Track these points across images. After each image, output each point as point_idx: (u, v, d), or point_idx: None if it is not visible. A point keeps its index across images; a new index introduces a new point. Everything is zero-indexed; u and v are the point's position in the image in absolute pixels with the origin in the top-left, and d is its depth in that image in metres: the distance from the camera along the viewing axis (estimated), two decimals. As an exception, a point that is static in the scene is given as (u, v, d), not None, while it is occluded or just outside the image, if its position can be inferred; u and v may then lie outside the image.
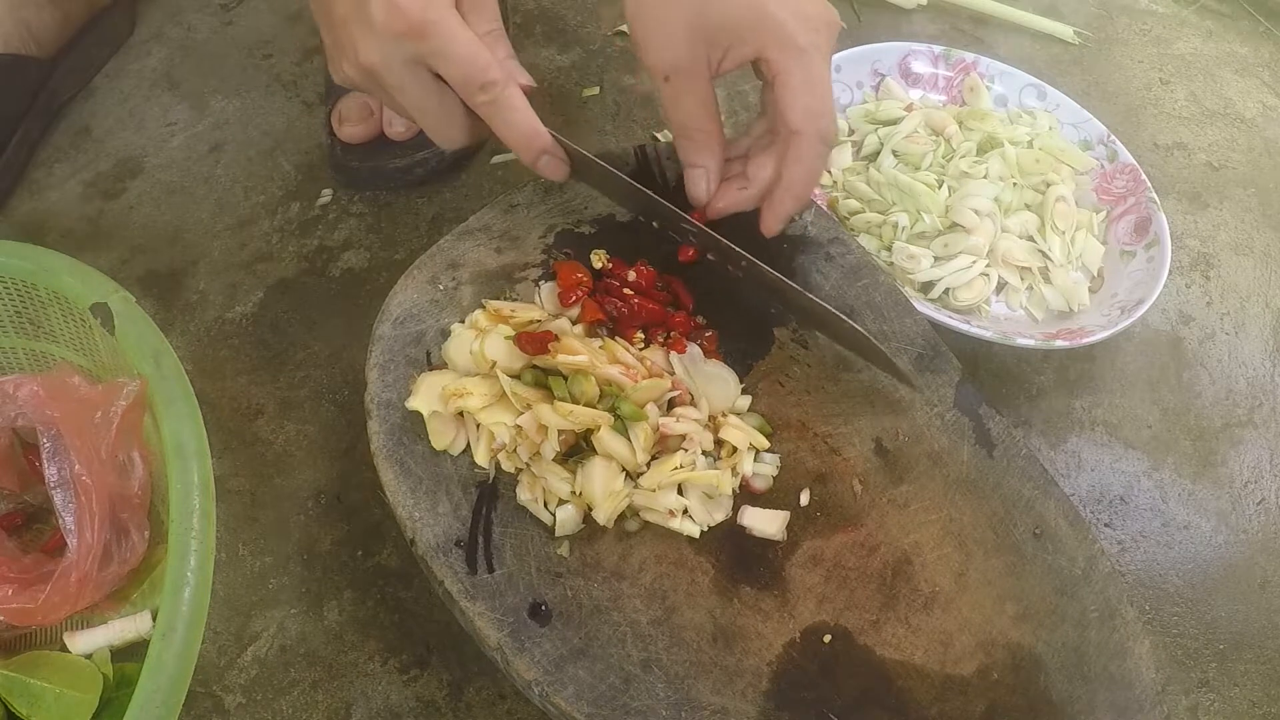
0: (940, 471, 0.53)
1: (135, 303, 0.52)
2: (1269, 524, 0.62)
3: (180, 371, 0.49)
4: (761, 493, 0.52)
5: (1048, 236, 0.69)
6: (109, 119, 0.79)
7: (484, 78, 0.50)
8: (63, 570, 0.46)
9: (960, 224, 0.68)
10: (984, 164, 0.72)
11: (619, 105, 0.80)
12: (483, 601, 0.46)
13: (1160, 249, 0.68)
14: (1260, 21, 0.94)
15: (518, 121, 0.52)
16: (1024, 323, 0.68)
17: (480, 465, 0.50)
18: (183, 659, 0.41)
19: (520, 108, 0.52)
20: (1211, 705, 0.55)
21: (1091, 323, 0.65)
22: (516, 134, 0.52)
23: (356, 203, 0.73)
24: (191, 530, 0.44)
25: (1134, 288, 0.67)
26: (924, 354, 0.56)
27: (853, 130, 0.76)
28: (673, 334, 0.55)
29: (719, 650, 0.47)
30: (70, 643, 0.49)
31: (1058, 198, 0.70)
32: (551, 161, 0.54)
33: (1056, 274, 0.68)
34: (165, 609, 0.42)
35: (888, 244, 0.69)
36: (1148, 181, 0.72)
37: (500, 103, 0.51)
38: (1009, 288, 0.69)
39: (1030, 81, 0.78)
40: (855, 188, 0.72)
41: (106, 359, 0.54)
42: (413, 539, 0.48)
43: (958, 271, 0.67)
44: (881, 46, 0.78)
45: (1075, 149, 0.75)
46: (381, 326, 0.54)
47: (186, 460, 0.46)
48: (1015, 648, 0.48)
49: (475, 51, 0.49)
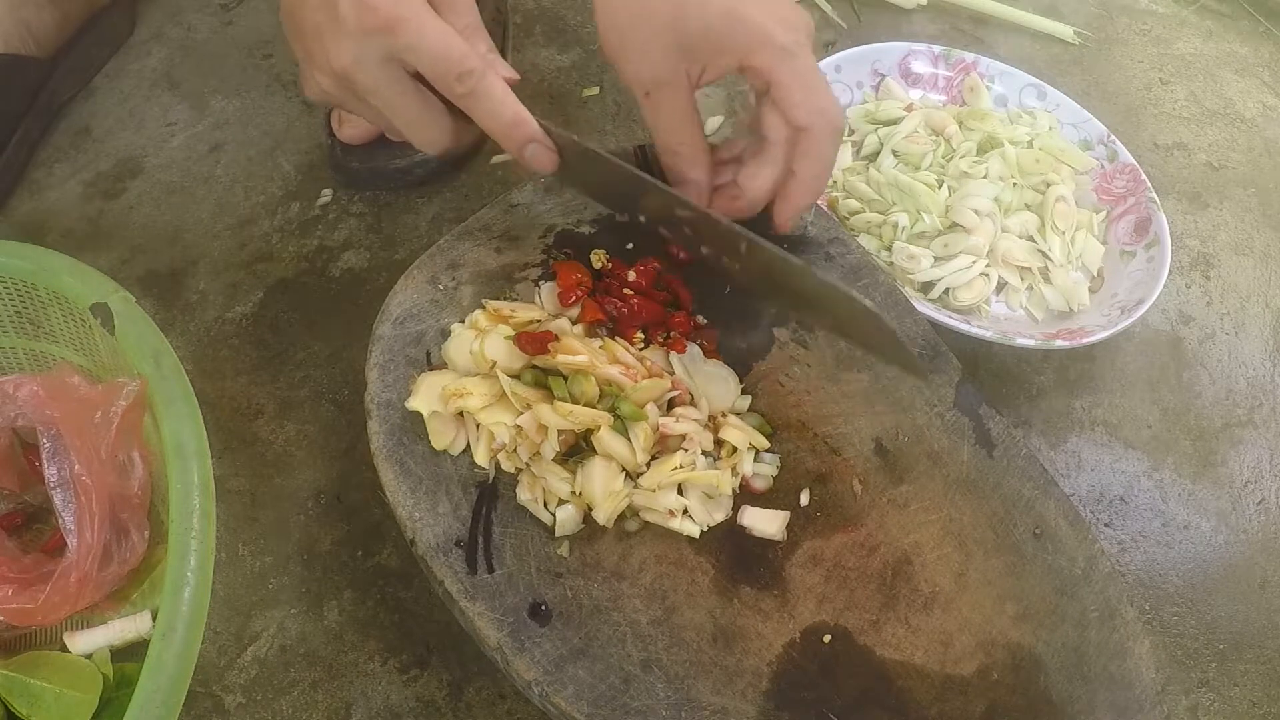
0: (940, 471, 0.53)
1: (135, 303, 0.52)
2: (1269, 524, 0.62)
3: (180, 371, 0.49)
4: (761, 493, 0.52)
5: (1048, 236, 0.69)
6: (109, 119, 0.79)
7: (460, 68, 0.48)
8: (62, 570, 0.46)
9: (960, 224, 0.68)
10: (984, 164, 0.72)
11: (619, 105, 0.80)
12: (483, 601, 0.46)
13: (1160, 249, 0.68)
14: (1260, 21, 0.94)
15: (499, 110, 0.50)
16: (1024, 323, 0.68)
17: (480, 465, 0.50)
18: (183, 659, 0.41)
19: (500, 95, 0.49)
20: (1211, 705, 0.55)
21: (1091, 323, 0.65)
22: (499, 123, 0.50)
23: (356, 203, 0.73)
24: (191, 530, 0.44)
25: (1134, 288, 0.67)
26: (924, 354, 0.56)
27: (853, 130, 0.76)
28: (673, 334, 0.55)
29: (719, 650, 0.47)
30: (70, 643, 0.49)
31: (1058, 198, 0.70)
32: (539, 151, 0.51)
33: (1056, 274, 0.68)
34: (165, 609, 0.42)
35: (888, 244, 0.69)
36: (1148, 181, 0.72)
37: (479, 92, 0.49)
38: (1009, 288, 0.69)
39: (1030, 81, 0.78)
40: (855, 188, 0.72)
41: (106, 359, 0.54)
42: (413, 539, 0.48)
43: (958, 271, 0.67)
44: (881, 46, 0.78)
45: (1075, 149, 0.75)
46: (381, 326, 0.54)
47: (186, 460, 0.46)
48: (1015, 648, 0.48)
49: (450, 42, 0.48)
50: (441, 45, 0.48)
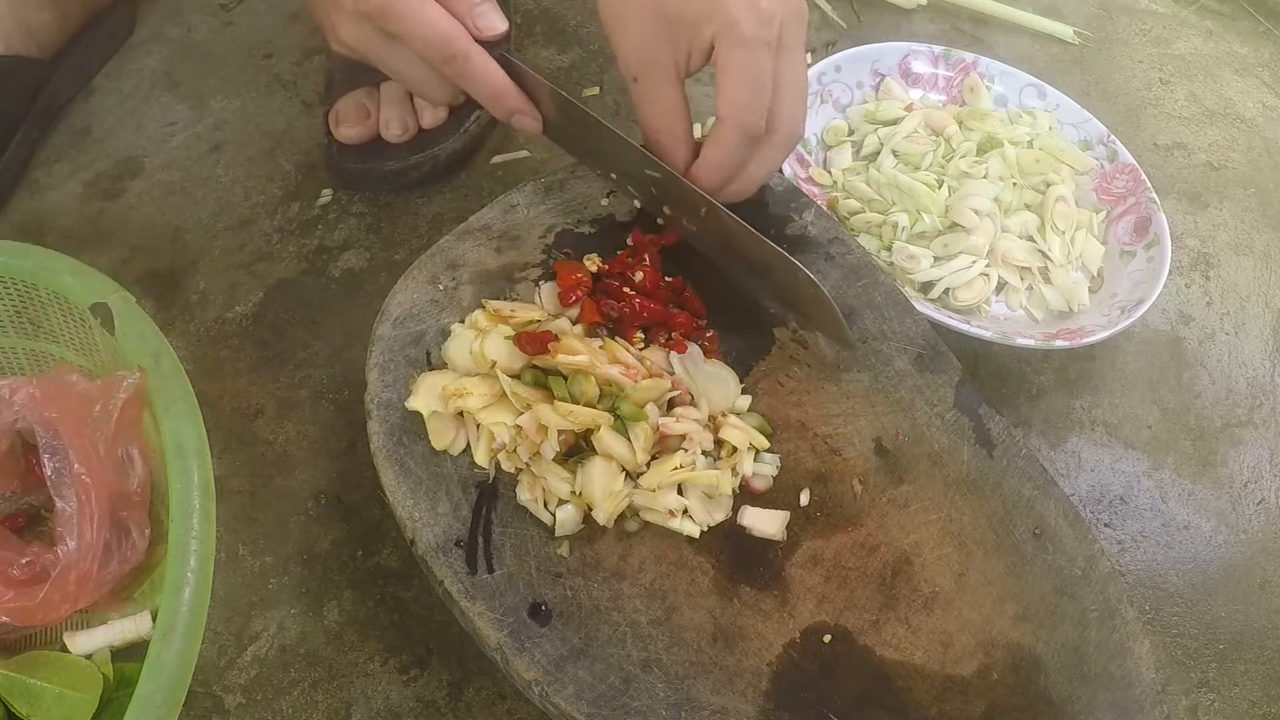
0: (940, 471, 0.53)
1: (135, 303, 0.52)
2: (1269, 524, 0.62)
3: (180, 371, 0.49)
4: (761, 493, 0.52)
5: (1048, 236, 0.69)
6: (109, 119, 0.79)
7: (448, 52, 0.53)
8: (62, 569, 0.46)
9: (960, 224, 0.68)
10: (984, 164, 0.72)
11: (619, 105, 0.80)
12: (483, 601, 0.46)
13: (1160, 249, 0.68)
14: (1260, 21, 0.94)
15: (485, 87, 0.55)
16: (1024, 323, 0.68)
17: (480, 465, 0.50)
18: (183, 659, 0.41)
19: (485, 75, 0.54)
20: (1211, 705, 0.55)
21: (1091, 323, 0.65)
22: (485, 96, 0.56)
23: (356, 203, 0.73)
24: (191, 530, 0.44)
25: (1134, 287, 0.67)
26: (924, 354, 0.56)
27: (852, 130, 0.76)
28: (674, 335, 0.55)
29: (719, 650, 0.47)
30: (70, 643, 0.49)
31: (1058, 198, 0.70)
32: (523, 119, 0.57)
33: (1056, 274, 0.68)
34: (165, 609, 0.42)
35: (888, 244, 0.69)
36: (1147, 181, 0.72)
37: (465, 74, 0.54)
38: (1009, 288, 0.69)
39: (1030, 81, 0.78)
40: (855, 188, 0.72)
41: (106, 359, 0.54)
42: (413, 539, 0.48)
43: (958, 271, 0.67)
44: (881, 47, 0.78)
45: (1075, 149, 0.75)
46: (381, 326, 0.54)
47: (186, 460, 0.46)
48: (1015, 648, 0.48)
49: (438, 30, 0.52)
50: (430, 33, 0.52)
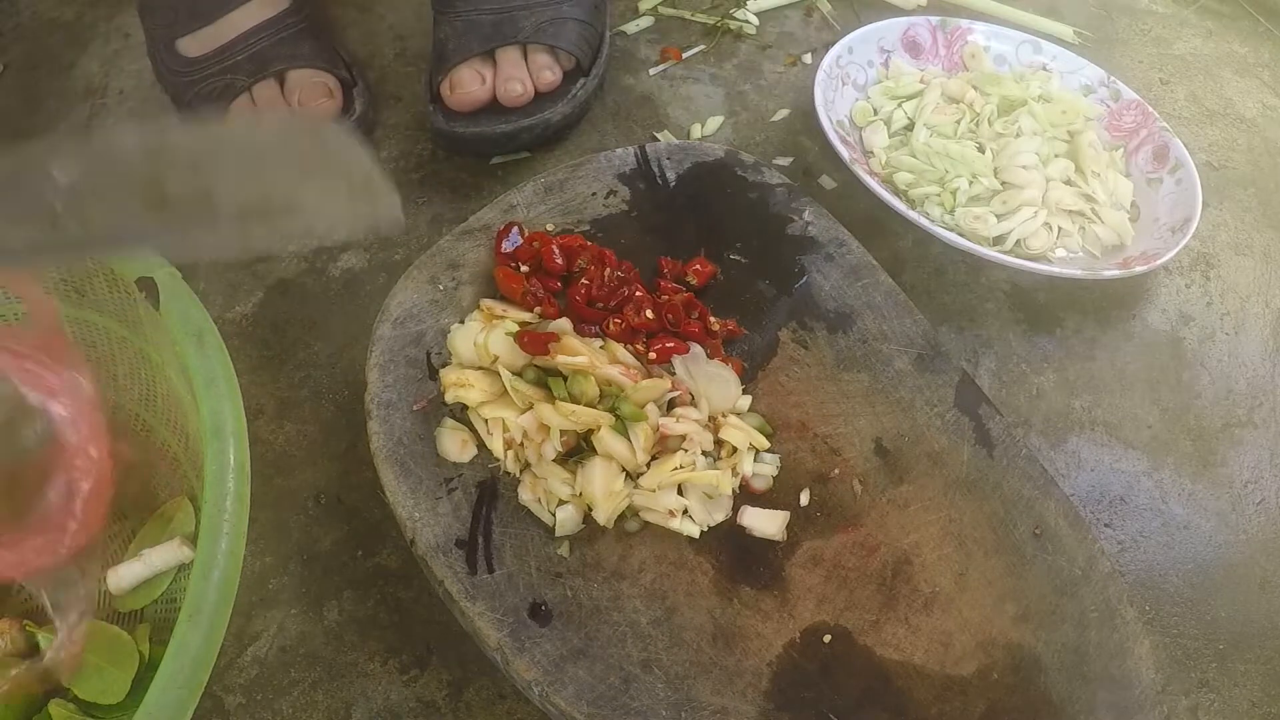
0: (940, 471, 0.53)
1: (182, 279, 0.51)
2: (1269, 524, 0.62)
3: (223, 350, 0.48)
4: (761, 493, 0.52)
5: (1088, 180, 0.71)
6: (109, 119, 0.79)
7: None
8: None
9: (1011, 182, 0.70)
10: (1015, 123, 0.74)
11: (619, 105, 0.80)
12: (483, 601, 0.46)
13: (1186, 170, 0.71)
14: (1260, 21, 0.94)
15: None
16: (1089, 261, 0.70)
17: (496, 457, 0.51)
18: (208, 640, 0.40)
19: None
20: (1211, 705, 0.55)
21: (1149, 248, 0.68)
22: None
23: (356, 203, 0.73)
24: (225, 513, 0.43)
25: (1173, 209, 0.70)
26: (924, 354, 0.56)
27: (877, 110, 0.77)
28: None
29: (719, 650, 0.47)
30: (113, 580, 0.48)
31: (1089, 143, 0.73)
32: None
33: (1104, 212, 0.70)
34: (193, 591, 0.41)
35: (950, 209, 0.70)
36: (1155, 113, 0.75)
37: None
38: (1063, 232, 0.70)
39: (1025, 38, 0.81)
40: (901, 161, 0.73)
41: (150, 332, 0.53)
42: (413, 539, 0.48)
43: (1025, 222, 0.69)
44: (883, 24, 0.79)
45: (1080, 98, 0.77)
46: (381, 327, 0.54)
47: (224, 441, 0.45)
48: (1015, 648, 0.48)
49: None
50: None
